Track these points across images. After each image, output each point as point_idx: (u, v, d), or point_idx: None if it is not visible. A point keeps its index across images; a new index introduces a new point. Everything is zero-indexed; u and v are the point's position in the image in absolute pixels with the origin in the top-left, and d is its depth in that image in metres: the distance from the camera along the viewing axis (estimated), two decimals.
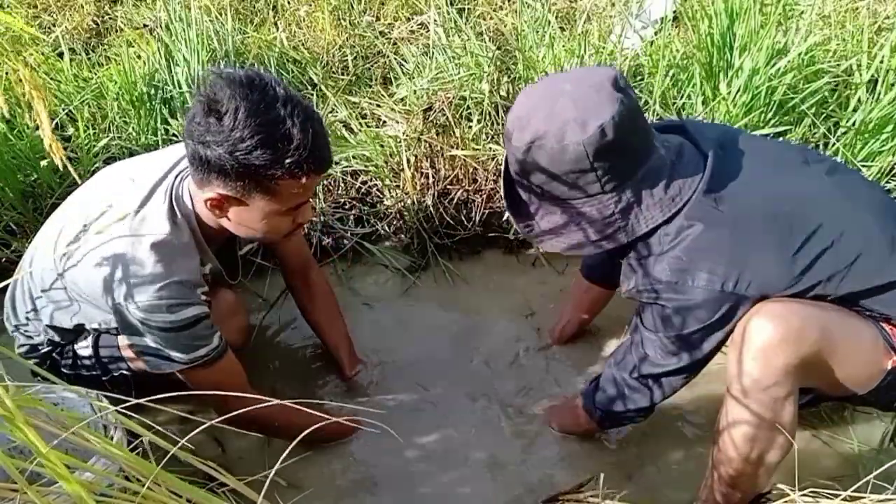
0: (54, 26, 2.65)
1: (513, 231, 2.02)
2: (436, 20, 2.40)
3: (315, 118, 1.14)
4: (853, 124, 1.95)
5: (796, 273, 1.11)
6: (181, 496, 0.79)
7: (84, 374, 1.42)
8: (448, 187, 1.99)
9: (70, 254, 1.25)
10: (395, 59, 2.37)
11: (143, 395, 0.94)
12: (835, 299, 1.15)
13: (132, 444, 1.20)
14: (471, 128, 2.05)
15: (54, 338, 1.40)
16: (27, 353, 1.44)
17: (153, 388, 1.24)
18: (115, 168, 1.41)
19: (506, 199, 1.26)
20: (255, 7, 2.71)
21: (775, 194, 1.15)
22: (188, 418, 0.94)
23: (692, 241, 1.13)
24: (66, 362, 1.42)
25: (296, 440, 0.89)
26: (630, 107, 1.09)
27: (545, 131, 1.09)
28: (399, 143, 2.00)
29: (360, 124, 2.15)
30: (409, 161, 1.95)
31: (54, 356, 1.43)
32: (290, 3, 2.72)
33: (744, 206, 1.13)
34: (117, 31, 2.65)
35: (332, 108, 2.23)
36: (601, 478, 1.34)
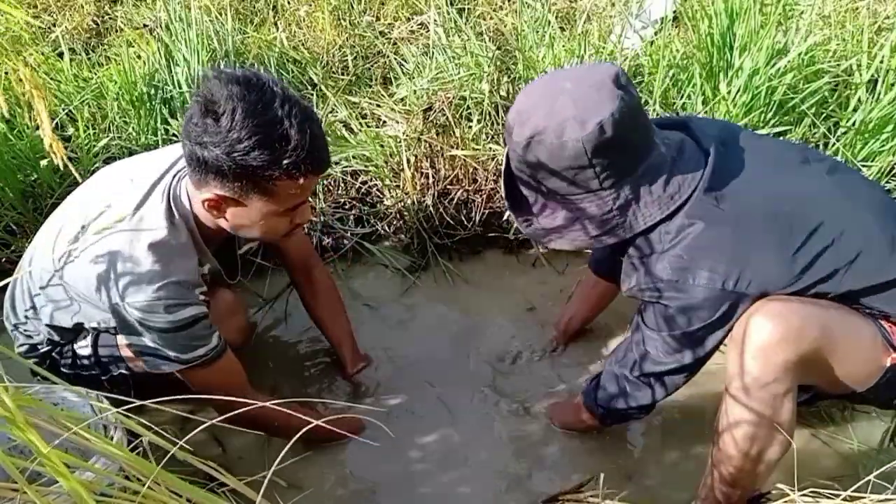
0: (54, 26, 2.65)
1: (513, 231, 2.02)
2: (436, 20, 2.40)
3: (313, 118, 1.13)
4: (853, 124, 1.95)
5: (797, 271, 1.12)
6: (181, 496, 0.79)
7: (83, 373, 1.42)
8: (448, 187, 1.99)
9: (68, 253, 1.25)
10: (395, 59, 2.37)
11: (143, 395, 0.94)
12: (835, 297, 1.15)
13: (132, 444, 1.20)
14: (471, 128, 2.05)
15: (54, 337, 1.40)
16: (27, 352, 1.44)
17: (153, 388, 1.24)
18: (114, 168, 1.41)
19: (505, 193, 1.27)
20: (255, 7, 2.71)
21: (776, 193, 1.15)
22: (188, 418, 0.94)
23: (693, 240, 1.13)
24: (66, 362, 1.42)
25: (293, 439, 0.88)
26: (630, 104, 1.09)
27: (545, 127, 1.10)
28: (399, 143, 2.00)
29: (360, 124, 2.15)
30: (409, 161, 1.95)
31: (54, 356, 1.43)
32: (290, 3, 2.72)
33: (745, 205, 1.14)
34: (117, 31, 2.65)
35: (332, 108, 2.22)
36: (601, 478, 1.34)
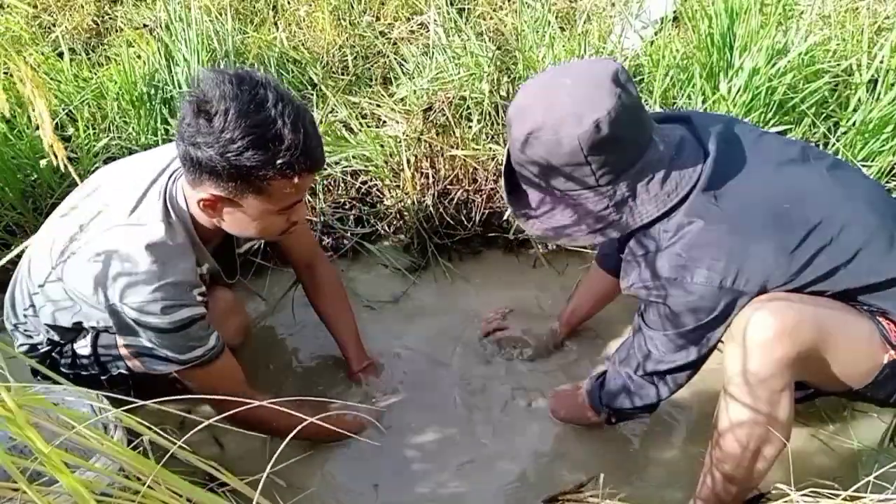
0: (54, 26, 2.65)
1: (513, 231, 2.02)
2: (436, 20, 2.40)
3: (306, 117, 1.13)
4: (853, 124, 1.95)
5: (795, 269, 1.12)
6: (181, 495, 0.79)
7: (83, 373, 1.42)
8: (448, 187, 1.99)
9: (65, 252, 1.25)
10: (395, 59, 2.37)
11: (143, 395, 0.95)
12: (833, 294, 1.15)
13: (132, 444, 1.20)
14: (471, 128, 2.05)
15: (53, 337, 1.40)
16: (27, 352, 1.44)
17: (152, 388, 1.25)
18: (112, 168, 1.41)
19: (505, 187, 1.27)
20: (255, 7, 2.71)
21: (775, 190, 1.15)
22: (188, 418, 0.94)
23: (691, 238, 1.14)
24: (66, 362, 1.42)
25: (290, 435, 0.88)
26: (627, 102, 1.09)
27: (542, 123, 1.10)
28: (399, 143, 2.00)
29: (360, 124, 2.15)
30: (409, 161, 1.95)
31: (53, 356, 1.43)
32: (290, 3, 2.72)
33: (743, 203, 1.14)
34: (117, 31, 2.65)
35: (332, 108, 2.22)
36: (601, 478, 1.34)
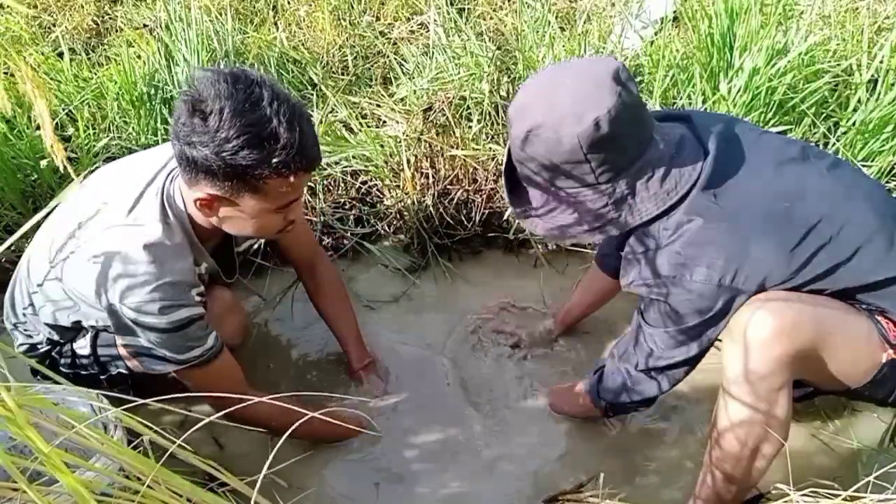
0: (54, 26, 2.65)
1: (513, 231, 2.02)
2: (436, 20, 2.40)
3: (302, 115, 1.12)
4: (853, 124, 1.95)
5: (794, 268, 1.12)
6: (181, 495, 0.79)
7: (82, 373, 1.42)
8: (448, 187, 1.99)
9: (63, 252, 1.25)
10: (395, 59, 2.37)
11: (142, 394, 0.95)
12: (832, 293, 1.16)
13: (132, 444, 1.20)
14: (471, 128, 2.05)
15: (53, 336, 1.40)
16: (26, 352, 1.44)
17: (152, 387, 1.25)
18: (111, 167, 1.41)
19: (506, 184, 1.28)
20: (255, 7, 2.71)
21: (775, 189, 1.15)
22: (188, 417, 0.94)
23: (691, 236, 1.14)
24: (65, 361, 1.43)
25: (289, 431, 0.88)
26: (628, 101, 1.09)
27: (542, 121, 1.10)
28: (399, 143, 2.00)
29: (360, 124, 2.15)
30: (409, 161, 1.95)
31: (53, 355, 1.43)
32: (290, 3, 2.72)
33: (743, 201, 1.14)
34: (117, 31, 2.65)
35: (332, 108, 2.22)
36: (601, 478, 1.34)
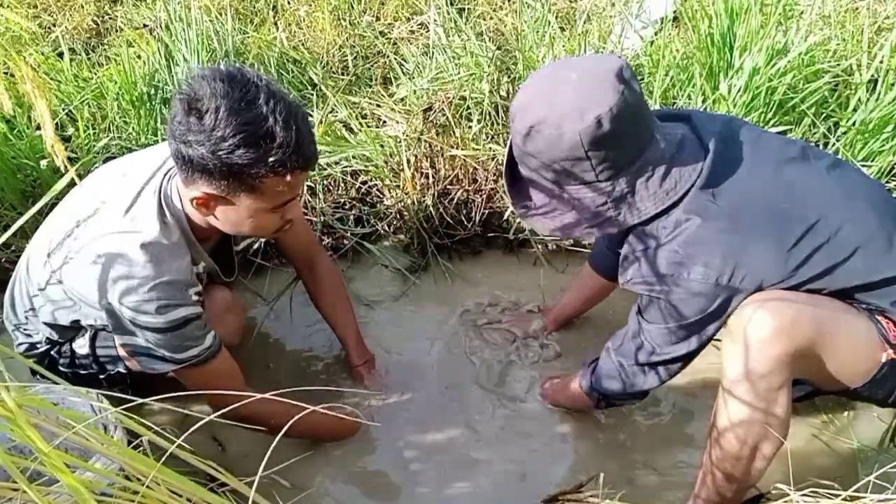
0: (54, 26, 2.65)
1: (513, 231, 2.02)
2: (436, 20, 2.40)
3: (298, 114, 1.12)
4: (853, 124, 1.95)
5: (791, 267, 1.12)
6: (181, 496, 0.79)
7: (82, 372, 1.42)
8: (448, 187, 1.99)
9: (62, 251, 1.24)
10: (395, 59, 2.37)
11: (141, 394, 0.94)
12: (830, 293, 1.16)
13: (132, 444, 1.20)
14: (471, 128, 2.05)
15: (52, 336, 1.40)
16: (26, 351, 1.44)
17: (151, 387, 1.24)
18: (109, 166, 1.41)
19: (506, 178, 1.28)
20: (255, 7, 2.71)
21: (774, 189, 1.16)
22: (188, 417, 0.94)
23: (689, 235, 1.14)
24: (64, 361, 1.43)
25: (286, 427, 0.89)
26: (630, 100, 1.09)
27: (545, 118, 1.10)
28: (399, 143, 1.99)
29: (360, 124, 2.15)
30: (409, 161, 1.95)
31: (52, 354, 1.43)
32: (290, 3, 2.72)
33: (742, 201, 1.14)
34: (117, 31, 2.65)
35: (332, 108, 2.22)
36: (601, 478, 1.34)
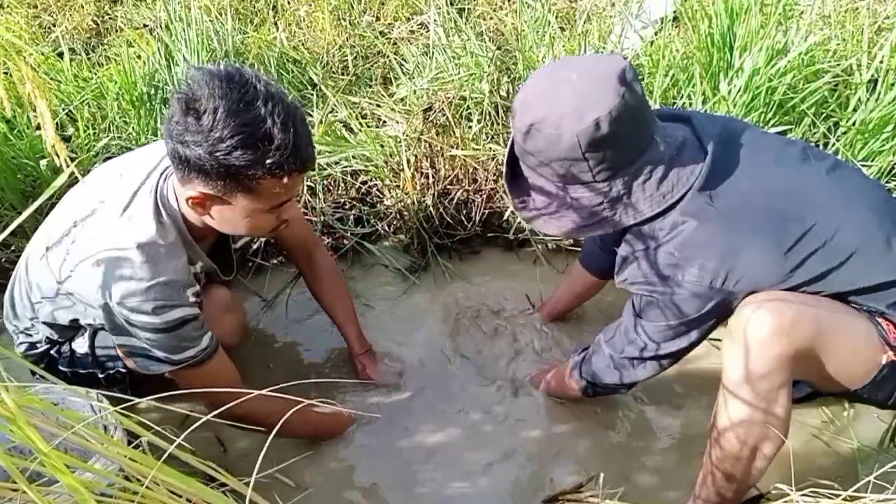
0: (54, 26, 2.65)
1: (513, 231, 2.02)
2: (436, 20, 2.40)
3: (296, 116, 1.12)
4: (853, 124, 1.95)
5: (787, 270, 1.13)
6: (181, 496, 0.79)
7: (81, 371, 1.42)
8: (448, 187, 2.00)
9: (61, 251, 1.24)
10: (395, 59, 2.37)
11: (141, 393, 0.94)
12: (827, 295, 1.16)
13: (132, 444, 1.20)
14: (471, 128, 2.05)
15: (52, 335, 1.40)
16: (26, 350, 1.44)
17: (150, 386, 1.25)
18: (108, 165, 1.41)
19: (506, 174, 1.28)
20: (255, 7, 2.71)
21: (773, 191, 1.15)
22: (188, 417, 0.94)
23: (685, 237, 1.14)
24: (64, 360, 1.42)
25: (281, 422, 0.89)
26: (631, 102, 1.09)
27: (544, 117, 1.11)
28: (399, 143, 2.00)
29: (360, 124, 2.15)
30: (409, 161, 1.95)
31: (52, 354, 1.43)
32: (290, 3, 2.72)
33: (739, 203, 1.14)
34: (117, 31, 2.65)
35: (332, 108, 2.22)
36: (601, 478, 1.34)
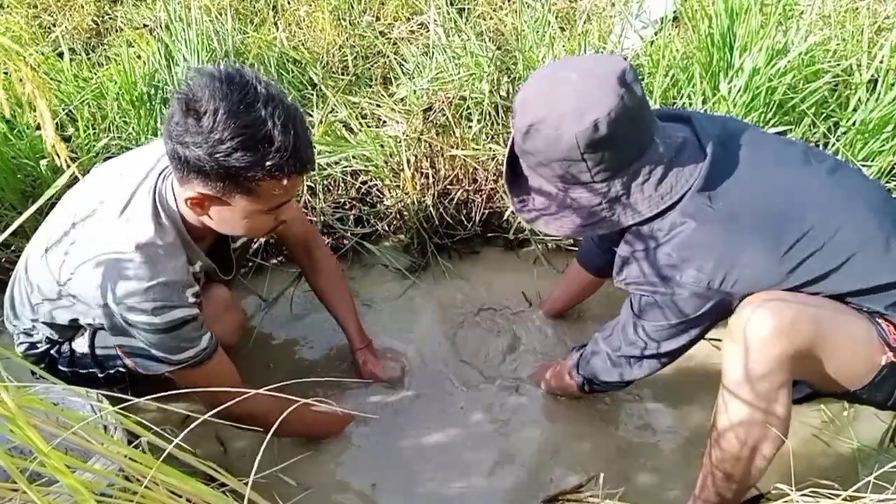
0: (54, 26, 2.65)
1: (513, 231, 2.02)
2: (436, 20, 2.40)
3: (296, 118, 1.12)
4: (853, 124, 1.95)
5: (786, 271, 1.13)
6: (181, 496, 0.79)
7: (81, 371, 1.42)
8: (448, 187, 2.00)
9: (60, 252, 1.24)
10: (395, 59, 2.37)
11: (141, 392, 0.94)
12: (826, 296, 1.16)
13: (132, 444, 1.20)
14: (471, 128, 2.05)
15: (52, 335, 1.40)
16: (26, 350, 1.44)
17: (150, 385, 1.25)
18: (107, 165, 1.40)
19: (506, 173, 1.29)
20: (255, 7, 2.71)
21: (772, 192, 1.15)
22: (188, 416, 0.94)
23: (683, 238, 1.14)
24: (64, 360, 1.43)
25: (279, 420, 0.90)
26: (630, 103, 1.09)
27: (544, 117, 1.11)
28: (399, 143, 2.00)
29: (360, 124, 2.15)
30: (409, 161, 1.95)
31: (52, 354, 1.43)
32: (290, 3, 2.72)
33: (738, 205, 1.14)
34: (117, 31, 2.65)
35: (332, 108, 2.22)
36: (601, 478, 1.34)
